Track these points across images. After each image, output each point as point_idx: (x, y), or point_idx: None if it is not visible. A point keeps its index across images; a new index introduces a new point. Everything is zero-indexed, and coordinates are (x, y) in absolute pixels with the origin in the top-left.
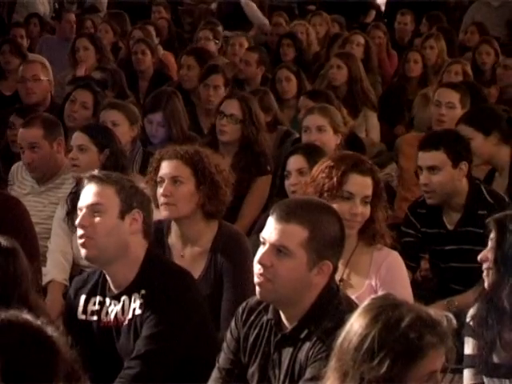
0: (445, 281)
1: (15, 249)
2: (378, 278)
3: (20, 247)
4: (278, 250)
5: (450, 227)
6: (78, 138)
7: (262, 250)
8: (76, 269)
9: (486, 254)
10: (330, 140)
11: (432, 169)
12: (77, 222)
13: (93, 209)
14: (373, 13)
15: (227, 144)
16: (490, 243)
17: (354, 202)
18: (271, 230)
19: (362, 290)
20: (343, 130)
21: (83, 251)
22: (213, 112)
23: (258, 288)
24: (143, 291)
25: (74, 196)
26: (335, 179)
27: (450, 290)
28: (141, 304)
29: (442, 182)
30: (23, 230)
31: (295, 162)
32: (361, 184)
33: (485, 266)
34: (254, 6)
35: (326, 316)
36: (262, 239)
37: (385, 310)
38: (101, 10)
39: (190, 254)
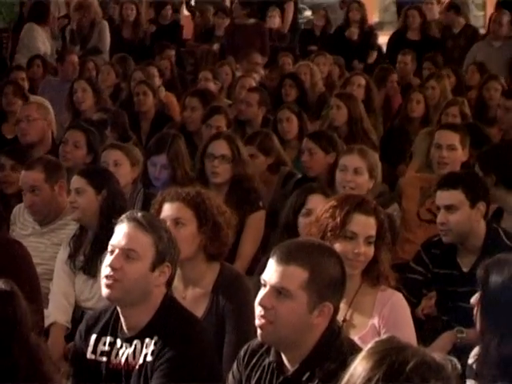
0: (451, 320)
1: (13, 292)
2: (381, 318)
3: (19, 290)
4: (278, 291)
5: (464, 269)
6: (75, 181)
7: (262, 291)
8: (78, 311)
9: (477, 299)
10: (365, 183)
11: (449, 208)
12: (107, 261)
13: (127, 253)
14: (374, 54)
15: (219, 185)
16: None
17: (357, 242)
18: (271, 272)
19: (366, 331)
20: (377, 175)
21: (106, 291)
22: None
23: (259, 330)
24: (156, 337)
25: (77, 239)
26: (338, 219)
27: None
28: (153, 351)
29: (459, 221)
30: (23, 273)
31: (317, 201)
32: (364, 224)
33: (475, 310)
34: None
35: (328, 358)
36: (262, 281)
37: (389, 354)
38: (103, 52)
39: (191, 296)
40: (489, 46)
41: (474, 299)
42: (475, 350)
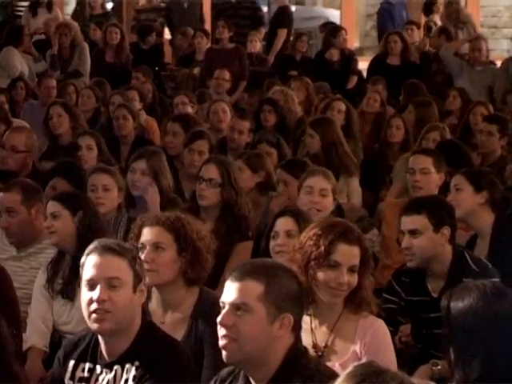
0: (427, 348)
1: None
2: (363, 345)
3: (1, 315)
4: (237, 308)
5: (434, 295)
6: (50, 206)
7: (221, 311)
8: (56, 335)
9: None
10: (329, 205)
11: (413, 232)
12: (92, 295)
13: (110, 282)
14: (354, 78)
15: (207, 208)
16: None
17: (340, 271)
18: (228, 292)
19: (347, 357)
20: (338, 196)
21: (97, 325)
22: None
23: (224, 352)
24: (137, 363)
25: (55, 264)
26: (322, 248)
27: (431, 357)
28: (134, 376)
29: (422, 246)
30: (5, 298)
31: (284, 223)
32: (348, 254)
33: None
34: None
35: (295, 376)
36: (221, 304)
37: (368, 377)
38: (84, 75)
39: (170, 321)
40: (472, 69)
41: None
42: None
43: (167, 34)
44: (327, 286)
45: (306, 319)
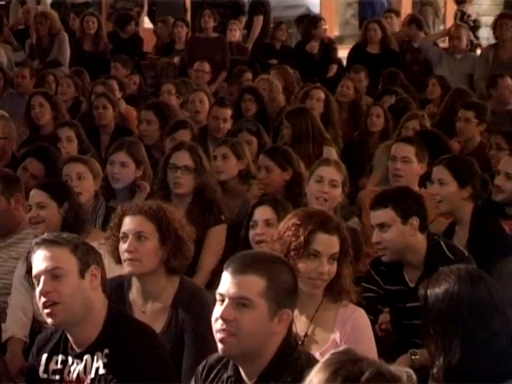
0: (406, 337)
1: None
2: (343, 334)
3: None
4: (238, 302)
5: (411, 284)
6: (35, 195)
7: (221, 306)
8: (36, 325)
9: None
10: (338, 197)
11: (382, 226)
12: (38, 290)
13: (52, 273)
14: (334, 67)
15: (181, 196)
16: None
17: (320, 261)
18: (228, 285)
19: (327, 346)
20: (347, 189)
21: (50, 320)
22: None
23: (220, 345)
24: (106, 350)
25: None
26: (302, 238)
27: (411, 344)
28: (104, 364)
29: (392, 239)
30: None
31: (263, 212)
32: (327, 243)
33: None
34: None
35: (286, 370)
36: (219, 296)
37: (345, 365)
38: (63, 64)
39: (151, 310)
40: (451, 57)
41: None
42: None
43: (147, 23)
44: (307, 276)
45: None
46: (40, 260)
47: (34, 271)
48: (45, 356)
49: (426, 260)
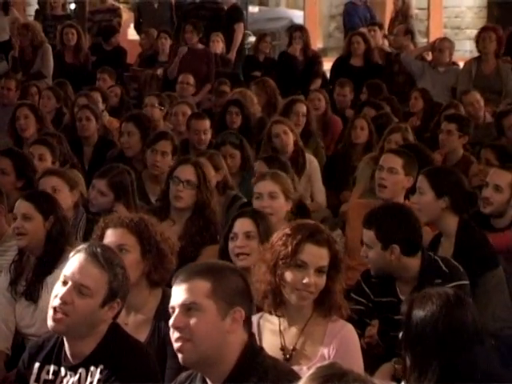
0: (393, 348)
1: None
2: (331, 349)
3: None
4: (187, 308)
5: (401, 297)
6: (21, 206)
7: (172, 316)
8: (18, 337)
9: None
10: (282, 206)
11: (367, 245)
12: (59, 292)
13: (79, 288)
14: (318, 82)
15: (181, 210)
16: None
17: (307, 272)
18: (176, 294)
19: (315, 360)
20: (294, 196)
21: (52, 324)
22: (160, 178)
23: (179, 354)
24: (102, 366)
25: (18, 264)
26: (290, 248)
27: (398, 356)
28: (98, 380)
29: (375, 259)
30: None
31: (243, 224)
32: (315, 254)
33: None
34: None
35: (251, 374)
36: (170, 309)
37: (330, 379)
38: (47, 76)
39: (133, 322)
40: (434, 70)
41: (401, 334)
42: None
43: (133, 35)
44: (294, 287)
45: (274, 320)
46: (77, 267)
47: (66, 271)
48: (37, 365)
49: (420, 274)
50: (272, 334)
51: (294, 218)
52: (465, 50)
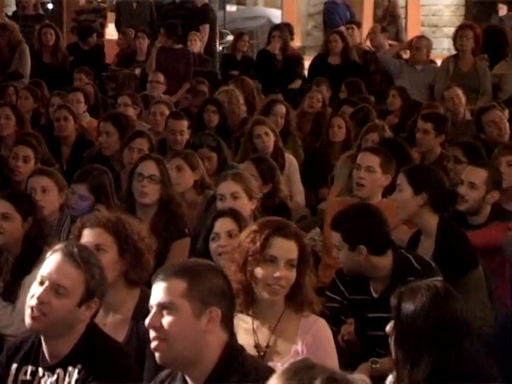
0: (369, 347)
1: None
2: (304, 345)
3: None
4: (163, 308)
5: (375, 295)
6: (1, 206)
7: (149, 315)
8: None
9: (391, 328)
10: (245, 206)
11: (336, 246)
12: (36, 292)
13: (56, 288)
14: (298, 82)
15: (146, 206)
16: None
17: (277, 266)
18: (154, 294)
19: (289, 357)
20: (257, 195)
21: (30, 322)
22: None
23: (156, 353)
24: (80, 366)
25: None
26: (258, 243)
27: (375, 354)
28: (76, 380)
29: (344, 260)
30: None
31: (224, 224)
32: (284, 248)
33: (390, 339)
34: None
35: (232, 374)
36: (150, 308)
37: (299, 372)
38: (24, 76)
39: (111, 322)
40: (412, 68)
41: (388, 328)
42: (390, 378)
43: (111, 35)
44: (265, 282)
45: (247, 319)
46: (54, 267)
47: (43, 271)
48: (15, 366)
49: (393, 272)
50: (246, 332)
51: (260, 216)
52: (442, 48)
